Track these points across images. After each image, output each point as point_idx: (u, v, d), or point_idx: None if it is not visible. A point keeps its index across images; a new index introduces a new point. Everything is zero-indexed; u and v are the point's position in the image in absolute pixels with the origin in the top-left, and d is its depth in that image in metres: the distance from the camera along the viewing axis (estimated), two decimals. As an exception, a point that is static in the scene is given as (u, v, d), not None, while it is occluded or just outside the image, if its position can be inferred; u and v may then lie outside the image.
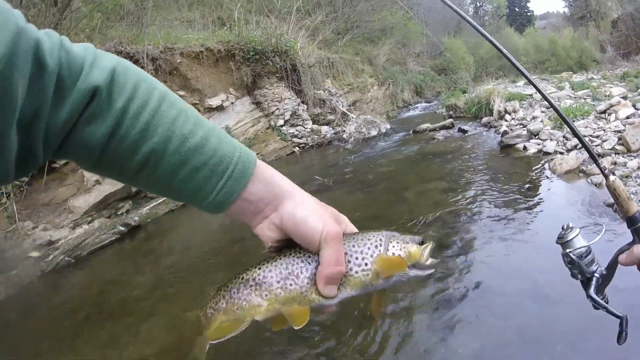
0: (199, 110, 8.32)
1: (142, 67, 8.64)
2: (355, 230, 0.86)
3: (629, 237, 1.10)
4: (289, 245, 0.80)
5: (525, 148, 8.13)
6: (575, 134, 1.19)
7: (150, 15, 11.02)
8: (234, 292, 0.82)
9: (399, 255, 0.81)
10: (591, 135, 7.57)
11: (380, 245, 0.81)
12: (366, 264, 0.79)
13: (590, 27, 27.24)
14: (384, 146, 11.33)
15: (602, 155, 6.66)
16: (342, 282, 0.78)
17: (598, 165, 1.15)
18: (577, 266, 1.14)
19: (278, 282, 0.78)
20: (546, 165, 6.97)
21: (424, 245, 0.84)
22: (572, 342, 3.19)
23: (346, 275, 0.78)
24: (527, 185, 6.25)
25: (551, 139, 8.11)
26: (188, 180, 0.68)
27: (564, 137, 8.02)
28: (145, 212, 7.61)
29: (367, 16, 22.04)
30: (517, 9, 50.42)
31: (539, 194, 5.92)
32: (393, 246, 0.82)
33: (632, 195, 5.38)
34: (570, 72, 20.35)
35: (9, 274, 5.67)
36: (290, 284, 0.78)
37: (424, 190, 6.68)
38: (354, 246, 0.80)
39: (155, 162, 0.65)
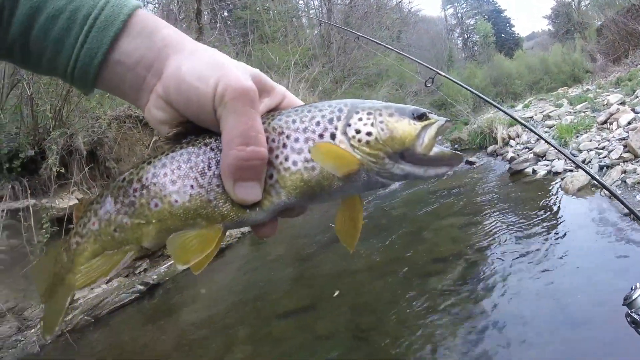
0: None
1: (152, 129, 9.05)
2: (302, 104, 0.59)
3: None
4: (195, 132, 0.55)
5: (534, 171, 8.18)
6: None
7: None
8: (109, 204, 0.56)
9: (370, 133, 0.52)
10: (597, 148, 7.61)
11: (339, 119, 0.53)
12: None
13: (577, 39, 27.56)
14: (393, 188, 11.40)
15: (610, 167, 6.68)
16: (273, 180, 0.53)
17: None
18: None
19: (173, 182, 0.53)
20: (558, 186, 6.98)
21: (425, 122, 0.55)
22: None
23: (277, 168, 0.53)
24: (542, 210, 6.27)
25: (558, 158, 8.17)
26: (45, 36, 0.53)
27: (570, 154, 8.04)
28: (163, 271, 7.62)
29: (362, 62, 22.63)
30: (503, 35, 51.41)
31: (556, 216, 5.93)
32: (360, 119, 0.53)
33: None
34: (566, 87, 20.54)
35: (28, 332, 5.73)
36: (192, 186, 0.52)
37: (441, 228, 6.70)
38: (294, 121, 0.54)
39: (9, 12, 0.51)
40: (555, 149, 2.07)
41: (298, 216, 0.58)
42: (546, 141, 2.29)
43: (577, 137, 8.69)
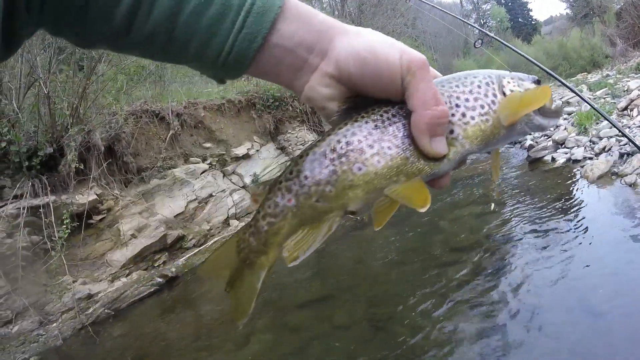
0: (225, 160, 8.57)
1: (169, 123, 9.17)
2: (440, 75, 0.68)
3: None
4: (364, 104, 0.60)
5: (553, 159, 8.03)
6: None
7: (170, 73, 11.61)
8: (307, 176, 0.58)
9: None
10: (617, 135, 7.44)
11: (493, 82, 0.63)
12: (482, 107, 0.60)
13: (596, 23, 26.88)
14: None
15: (631, 154, 6.54)
16: (455, 134, 0.60)
17: None
18: None
19: (371, 146, 0.57)
20: (577, 174, 6.87)
21: (543, 85, 0.67)
22: (631, 355, 3.11)
23: (457, 123, 0.59)
24: (562, 198, 6.17)
25: (578, 146, 8.00)
26: (195, 22, 0.53)
27: (590, 141, 7.90)
28: (181, 263, 7.75)
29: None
30: (520, 19, 50.52)
31: (576, 205, 5.83)
32: (508, 82, 0.64)
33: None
34: (585, 73, 20.13)
35: (50, 326, 5.87)
36: (389, 147, 0.57)
37: (458, 217, 6.65)
38: (457, 86, 0.62)
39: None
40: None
41: (460, 167, 0.65)
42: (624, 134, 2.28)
43: (597, 124, 8.49)
